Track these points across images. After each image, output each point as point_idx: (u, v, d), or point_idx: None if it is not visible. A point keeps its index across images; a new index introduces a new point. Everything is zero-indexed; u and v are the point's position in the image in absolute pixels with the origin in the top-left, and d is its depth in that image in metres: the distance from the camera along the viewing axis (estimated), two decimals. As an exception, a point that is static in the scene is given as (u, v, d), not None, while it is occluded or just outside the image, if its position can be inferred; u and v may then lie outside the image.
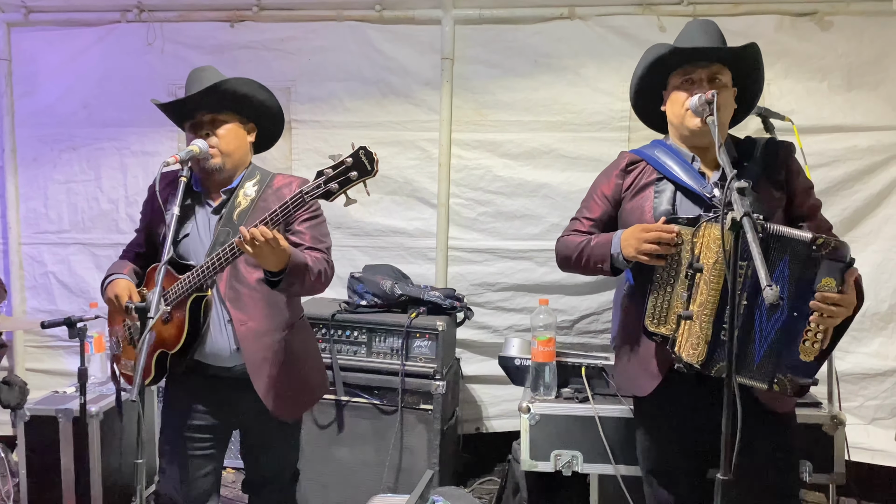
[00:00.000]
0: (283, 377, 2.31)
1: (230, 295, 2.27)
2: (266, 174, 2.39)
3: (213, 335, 2.26)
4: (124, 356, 2.45)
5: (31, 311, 4.03)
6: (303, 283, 2.18)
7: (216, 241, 2.26)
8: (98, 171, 3.90)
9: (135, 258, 2.51)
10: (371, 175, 1.94)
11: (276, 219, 2.03)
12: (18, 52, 3.86)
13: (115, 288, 2.30)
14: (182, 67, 3.74)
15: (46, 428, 3.13)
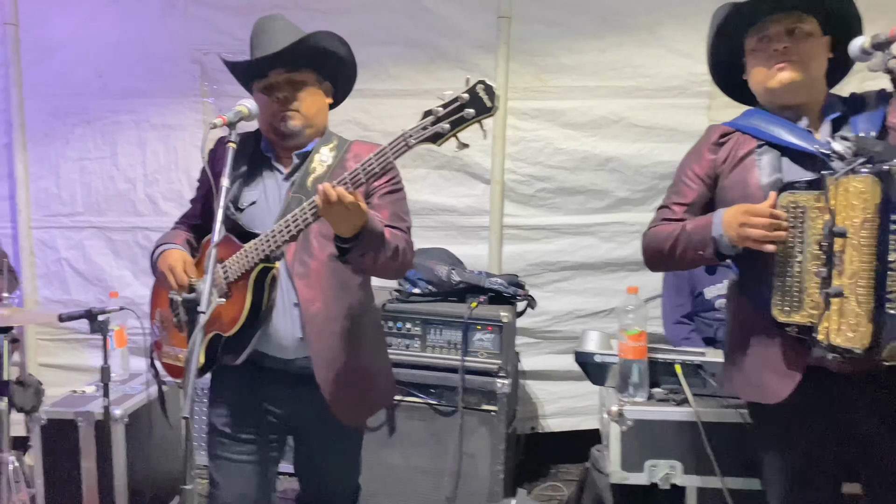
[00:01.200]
0: (352, 373, 1.98)
1: (299, 270, 1.94)
2: (342, 140, 2.09)
3: (276, 319, 1.93)
4: (168, 342, 2.11)
5: (43, 301, 3.69)
6: (376, 255, 1.85)
7: (287, 209, 1.91)
8: (114, 147, 3.54)
9: (189, 230, 2.18)
10: (490, 113, 1.63)
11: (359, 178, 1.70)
12: (26, 15, 3.49)
13: (169, 259, 1.97)
14: (207, 31, 3.40)
15: (65, 433, 2.80)
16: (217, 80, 3.42)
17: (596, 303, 3.43)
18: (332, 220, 1.73)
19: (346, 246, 1.79)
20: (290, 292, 1.94)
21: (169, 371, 2.13)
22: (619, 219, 3.34)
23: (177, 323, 2.08)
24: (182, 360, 2.07)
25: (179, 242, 2.07)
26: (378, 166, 1.68)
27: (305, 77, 1.98)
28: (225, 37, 3.38)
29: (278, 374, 1.98)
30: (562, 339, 3.47)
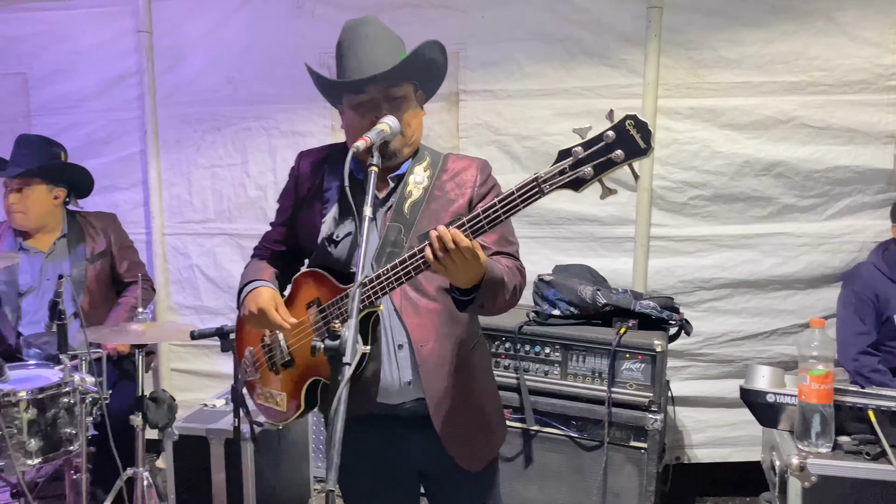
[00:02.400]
0: (467, 413, 1.79)
1: (407, 308, 1.75)
2: (435, 155, 1.87)
3: (384, 362, 1.75)
4: (261, 383, 1.97)
5: (176, 307, 3.72)
6: (494, 302, 1.65)
7: (385, 240, 1.74)
8: (244, 153, 3.49)
9: (272, 258, 2.01)
10: (645, 155, 1.37)
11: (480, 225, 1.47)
12: (159, 22, 3.49)
13: (259, 299, 1.79)
14: (335, 32, 3.21)
15: (197, 448, 2.77)
16: (344, 83, 3.29)
17: (754, 324, 3.08)
18: (448, 270, 1.51)
19: (464, 299, 1.60)
20: (397, 332, 1.75)
21: (264, 412, 1.99)
22: (785, 229, 2.97)
23: (270, 365, 1.94)
24: (279, 403, 1.93)
25: (268, 278, 1.90)
26: (504, 214, 1.45)
27: (405, 91, 1.75)
28: (353, 38, 3.24)
29: (388, 420, 1.80)
30: (714, 363, 3.15)
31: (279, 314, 1.74)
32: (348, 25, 1.78)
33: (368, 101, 1.73)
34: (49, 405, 2.31)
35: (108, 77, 3.60)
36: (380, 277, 1.61)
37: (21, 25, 3.65)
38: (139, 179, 3.65)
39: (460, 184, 1.80)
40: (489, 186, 1.81)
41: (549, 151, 3.12)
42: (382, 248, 1.73)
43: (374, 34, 1.75)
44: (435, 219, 1.72)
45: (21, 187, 2.84)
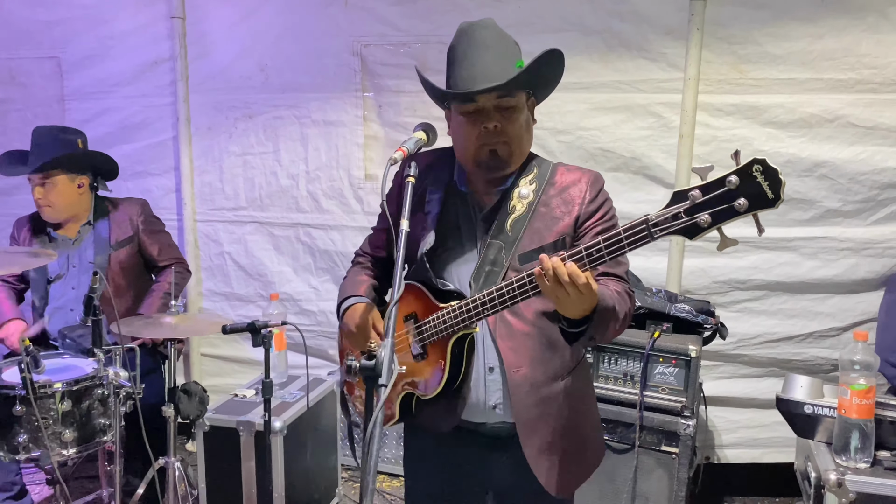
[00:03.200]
0: (561, 439, 1.74)
1: (501, 331, 1.69)
2: (544, 166, 1.77)
3: (472, 383, 1.71)
4: (359, 387, 1.97)
5: (206, 293, 3.75)
6: (604, 333, 1.58)
7: (484, 258, 1.69)
8: (276, 142, 3.48)
9: (373, 265, 1.99)
10: (772, 206, 1.24)
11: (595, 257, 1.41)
12: (192, 7, 3.47)
13: (355, 316, 1.78)
14: (368, 21, 3.22)
15: (227, 439, 2.80)
16: (378, 73, 3.25)
17: (789, 326, 3.01)
18: (558, 301, 1.46)
19: (574, 330, 1.53)
20: (489, 354, 1.71)
21: (361, 415, 2.00)
22: (826, 233, 2.88)
23: None
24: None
25: (364, 293, 1.88)
26: (608, 255, 1.38)
27: (517, 101, 1.65)
28: (386, 27, 3.19)
29: (472, 436, 1.78)
30: (746, 364, 3.09)
31: (373, 333, 1.74)
32: (462, 29, 1.69)
33: (479, 109, 1.64)
34: (83, 396, 2.33)
35: (142, 62, 3.59)
36: (476, 301, 1.58)
37: (55, 9, 3.64)
38: (171, 166, 3.66)
39: (567, 200, 1.69)
40: (598, 203, 1.70)
41: (584, 146, 3.06)
42: (481, 267, 1.67)
43: (489, 40, 1.65)
44: (538, 238, 1.66)
45: (44, 181, 2.84)
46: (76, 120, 3.69)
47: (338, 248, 3.47)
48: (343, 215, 3.44)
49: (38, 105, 3.78)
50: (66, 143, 2.88)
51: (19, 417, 2.23)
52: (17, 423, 2.24)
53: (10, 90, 3.82)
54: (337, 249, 3.47)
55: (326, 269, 3.53)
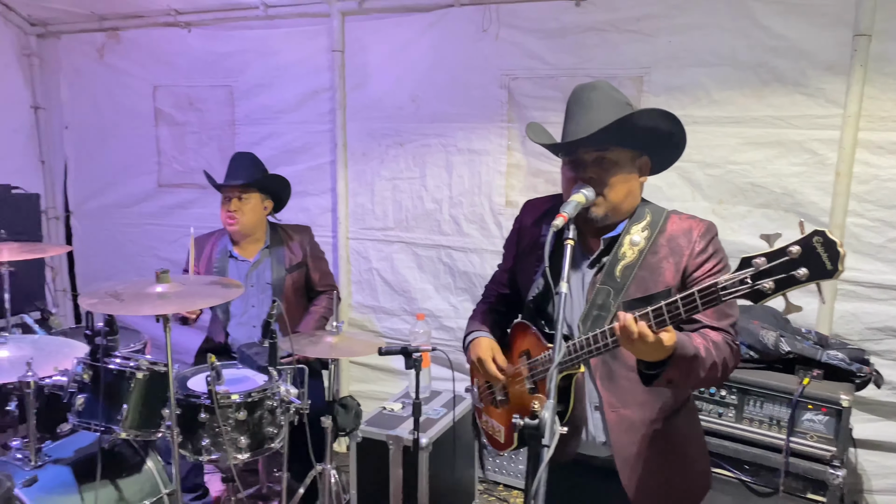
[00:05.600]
0: (661, 474, 1.83)
1: (603, 373, 1.82)
2: (657, 213, 1.85)
3: (583, 420, 1.84)
4: (486, 412, 2.14)
5: (355, 306, 4.00)
6: (686, 378, 1.67)
7: (592, 303, 1.79)
8: (423, 168, 3.67)
9: (497, 300, 2.18)
10: (830, 277, 1.33)
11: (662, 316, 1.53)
12: (351, 42, 3.71)
13: (478, 349, 2.00)
14: (517, 54, 3.33)
15: (377, 450, 3.02)
16: (523, 105, 3.35)
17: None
18: (633, 351, 1.60)
19: (650, 372, 1.64)
20: (591, 393, 1.83)
21: (487, 438, 2.15)
22: None
23: (492, 400, 2.08)
24: (497, 433, 2.09)
25: (487, 328, 2.07)
26: (685, 313, 1.49)
27: (618, 156, 1.77)
28: (535, 61, 3.29)
29: (586, 468, 1.89)
30: (902, 411, 2.96)
31: (494, 365, 1.92)
32: (575, 90, 1.84)
33: (576, 161, 1.79)
34: (256, 407, 2.60)
35: (304, 92, 3.88)
36: (576, 344, 1.70)
37: (230, 42, 4.01)
38: (328, 187, 3.93)
39: (676, 250, 1.77)
40: (708, 255, 1.76)
41: (733, 181, 3.03)
42: (589, 311, 1.78)
43: (597, 99, 1.78)
44: (644, 287, 1.76)
45: (241, 195, 3.16)
46: (245, 143, 4.05)
47: (476, 270, 3.62)
48: (483, 239, 3.58)
49: (212, 128, 4.18)
50: (260, 168, 3.23)
51: (203, 423, 2.52)
52: (201, 429, 2.53)
53: (188, 114, 4.24)
54: (475, 271, 3.62)
55: (465, 289, 3.69)
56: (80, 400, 2.42)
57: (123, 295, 2.23)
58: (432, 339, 3.56)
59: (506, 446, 2.05)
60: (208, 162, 4.18)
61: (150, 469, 2.64)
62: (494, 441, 2.10)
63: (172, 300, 2.29)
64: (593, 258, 1.86)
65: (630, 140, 1.77)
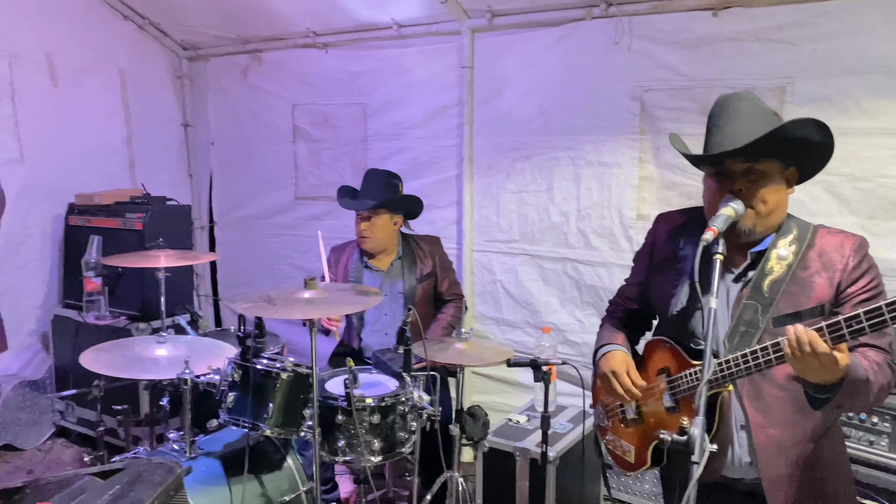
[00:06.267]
0: (809, 499, 1.76)
1: (749, 391, 1.76)
2: (803, 228, 1.80)
3: (727, 439, 1.79)
4: (612, 431, 2.12)
5: (479, 317, 4.06)
6: (853, 402, 1.61)
7: (739, 318, 1.75)
8: (550, 181, 3.68)
9: (624, 315, 2.14)
10: None
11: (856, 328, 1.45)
12: (480, 58, 3.79)
13: (611, 362, 1.97)
14: (650, 66, 3.29)
15: (503, 461, 3.05)
16: (656, 117, 3.30)
17: None
18: (802, 369, 1.52)
19: (820, 396, 1.57)
20: (738, 412, 1.77)
21: (613, 458, 2.13)
22: None
23: (621, 418, 2.06)
24: (626, 453, 2.06)
25: (621, 342, 2.04)
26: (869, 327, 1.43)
27: (767, 167, 1.73)
28: (669, 73, 3.24)
29: (727, 490, 1.84)
30: None
31: (629, 380, 1.88)
32: (720, 100, 1.82)
33: (725, 173, 1.76)
34: (389, 412, 2.69)
35: (433, 108, 3.99)
36: (729, 363, 1.67)
37: (364, 62, 4.19)
38: (454, 200, 4.02)
39: (828, 265, 1.71)
40: (862, 271, 1.70)
41: (885, 195, 2.85)
42: (735, 328, 1.74)
43: (744, 109, 1.75)
44: (794, 302, 1.71)
45: (370, 216, 3.30)
46: (376, 158, 4.21)
47: (604, 285, 3.58)
48: (611, 253, 3.54)
49: (346, 144, 4.38)
50: (391, 187, 3.34)
51: (340, 425, 2.63)
52: (337, 430, 2.64)
53: (324, 131, 4.46)
54: (603, 286, 3.58)
55: (591, 304, 3.65)
56: (230, 397, 2.59)
57: (276, 300, 2.37)
58: (557, 353, 3.56)
59: (636, 466, 2.02)
60: (341, 176, 4.38)
61: (290, 466, 2.78)
62: (622, 461, 2.07)
63: (319, 305, 2.41)
64: (738, 272, 1.82)
65: (779, 151, 1.73)
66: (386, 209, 3.30)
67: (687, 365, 1.81)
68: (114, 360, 2.77)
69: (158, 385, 3.25)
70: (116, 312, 3.95)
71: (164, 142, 4.95)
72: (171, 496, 1.69)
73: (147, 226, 3.98)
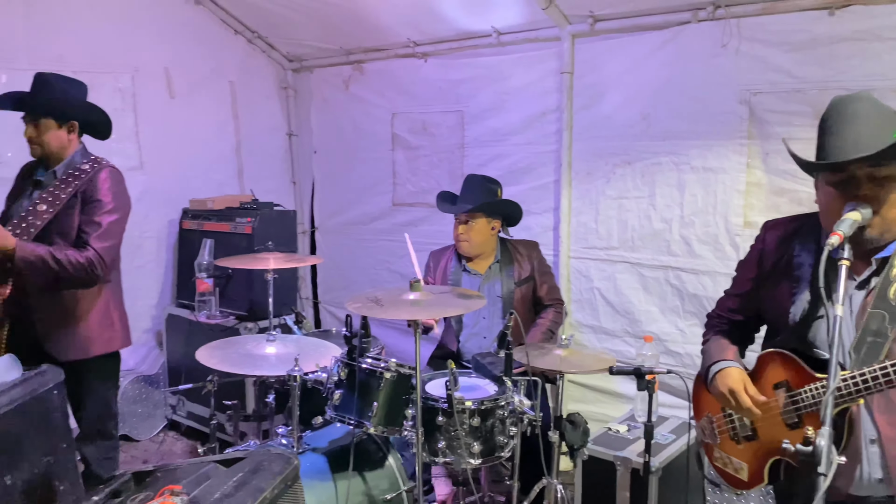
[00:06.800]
0: None
1: (880, 404, 1.68)
2: None
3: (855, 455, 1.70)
4: (720, 448, 2.06)
5: (575, 324, 4.02)
6: None
7: (866, 328, 1.67)
8: (652, 187, 3.61)
9: (729, 328, 2.08)
10: None
11: None
12: (580, 63, 3.77)
13: (728, 380, 1.90)
14: (759, 69, 3.19)
15: (603, 470, 3.00)
16: (766, 121, 3.19)
17: None
18: None
19: None
20: (867, 425, 1.69)
21: (721, 475, 2.07)
22: None
23: (732, 434, 1.99)
24: (738, 471, 2.00)
25: (733, 357, 1.98)
26: None
27: (891, 170, 1.64)
28: (780, 75, 3.12)
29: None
30: None
31: (748, 398, 1.82)
32: (835, 102, 1.74)
33: (848, 179, 1.69)
34: (489, 415, 2.70)
35: (531, 114, 4.00)
36: (865, 378, 1.59)
37: (462, 70, 4.25)
38: (551, 206, 4.00)
39: None
40: None
41: None
42: (862, 338, 1.67)
43: (864, 112, 1.68)
44: None
45: (468, 220, 3.33)
46: (473, 165, 4.25)
47: (708, 294, 3.48)
48: (716, 261, 3.44)
49: (443, 151, 4.44)
50: (489, 192, 3.37)
51: (440, 426, 2.65)
52: (438, 431, 2.67)
53: (421, 139, 4.55)
54: (707, 295, 3.48)
55: (694, 313, 3.55)
56: (336, 395, 2.67)
57: (383, 300, 2.44)
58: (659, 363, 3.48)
59: (751, 484, 1.95)
60: (438, 182, 4.44)
61: (391, 465, 2.84)
62: (733, 479, 2.01)
63: (423, 307, 2.46)
64: (861, 279, 1.74)
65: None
66: (483, 213, 3.33)
67: (809, 378, 1.73)
68: (227, 357, 2.91)
69: (266, 382, 3.39)
70: (226, 312, 4.14)
71: (269, 150, 5.17)
72: (289, 486, 1.76)
73: (256, 230, 4.16)
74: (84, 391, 2.88)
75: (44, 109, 2.84)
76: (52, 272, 2.67)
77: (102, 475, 2.94)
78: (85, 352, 2.84)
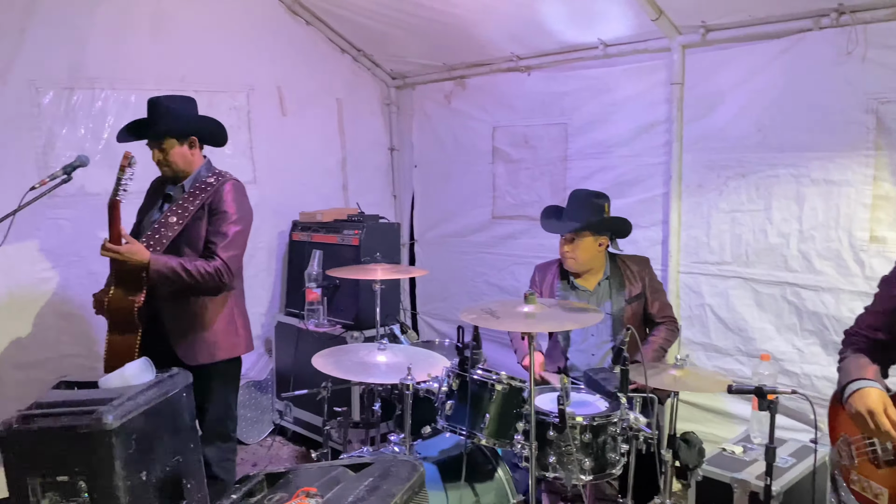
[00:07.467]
0: None
1: None
2: None
3: None
4: (858, 472, 1.96)
5: (685, 342, 3.90)
6: None
7: None
8: (769, 200, 3.48)
9: (868, 347, 1.98)
10: None
11: None
12: (691, 74, 3.69)
13: (867, 400, 1.82)
14: (887, 76, 3.03)
15: (718, 492, 2.91)
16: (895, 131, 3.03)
17: None
18: None
19: None
20: None
21: (858, 499, 1.97)
22: None
23: (872, 458, 1.89)
24: (878, 497, 1.90)
25: (872, 376, 1.89)
26: None
27: None
28: (913, 82, 2.97)
29: None
30: None
31: (887, 420, 1.73)
32: None
33: None
34: (600, 432, 2.66)
35: (638, 125, 3.94)
36: None
37: (567, 82, 4.24)
38: (659, 219, 3.92)
39: None
40: None
41: None
42: None
43: None
44: None
45: (573, 238, 3.31)
46: (576, 177, 4.22)
47: (830, 312, 3.31)
48: (839, 278, 3.27)
49: (545, 164, 4.43)
50: (595, 208, 3.33)
51: (551, 441, 2.64)
52: (548, 446, 2.65)
53: (523, 152, 4.55)
54: (829, 313, 3.31)
55: (814, 332, 3.39)
56: (448, 405, 2.70)
57: (498, 312, 2.45)
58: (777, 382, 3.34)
59: None
60: (539, 196, 4.44)
61: (500, 477, 2.84)
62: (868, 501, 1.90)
63: (538, 320, 2.46)
64: None
65: None
66: (589, 231, 3.29)
67: None
68: (341, 364, 2.99)
69: (373, 390, 3.46)
70: (333, 321, 4.26)
71: (373, 165, 5.31)
72: (416, 492, 1.79)
73: (363, 242, 4.27)
74: (208, 394, 3.02)
75: (164, 131, 3.00)
76: (183, 282, 2.83)
77: (222, 476, 3.07)
78: (211, 356, 2.99)
